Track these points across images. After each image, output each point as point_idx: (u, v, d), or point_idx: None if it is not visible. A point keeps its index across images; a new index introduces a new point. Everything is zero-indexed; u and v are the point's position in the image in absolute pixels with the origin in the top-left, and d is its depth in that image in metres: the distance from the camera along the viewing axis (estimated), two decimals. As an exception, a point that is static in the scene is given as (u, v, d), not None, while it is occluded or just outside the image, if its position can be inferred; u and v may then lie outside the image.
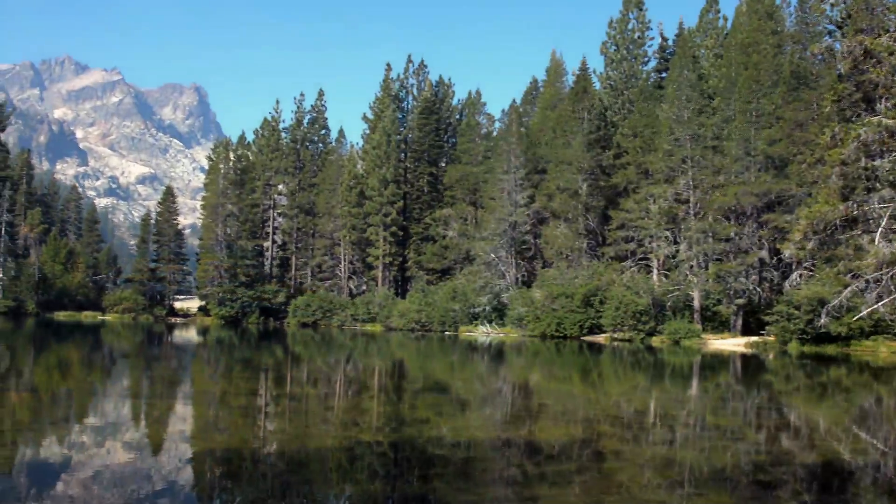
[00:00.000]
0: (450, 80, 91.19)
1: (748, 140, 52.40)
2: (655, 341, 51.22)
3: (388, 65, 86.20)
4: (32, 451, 10.34)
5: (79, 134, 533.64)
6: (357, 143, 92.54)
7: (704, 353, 41.87)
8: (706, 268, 53.20)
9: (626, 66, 71.73)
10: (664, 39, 75.06)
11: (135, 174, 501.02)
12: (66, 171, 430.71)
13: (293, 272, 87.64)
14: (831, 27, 56.19)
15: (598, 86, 72.87)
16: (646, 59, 72.40)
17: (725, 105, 56.80)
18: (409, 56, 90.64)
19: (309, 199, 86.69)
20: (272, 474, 9.54)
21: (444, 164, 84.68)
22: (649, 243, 57.13)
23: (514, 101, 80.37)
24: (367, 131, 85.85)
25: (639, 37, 71.73)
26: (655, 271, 57.47)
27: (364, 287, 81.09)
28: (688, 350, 44.90)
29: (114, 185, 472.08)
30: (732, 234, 52.54)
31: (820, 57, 52.01)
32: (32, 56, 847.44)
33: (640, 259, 58.64)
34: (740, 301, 51.96)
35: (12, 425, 12.35)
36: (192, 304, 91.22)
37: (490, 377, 25.67)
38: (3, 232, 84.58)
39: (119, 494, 8.18)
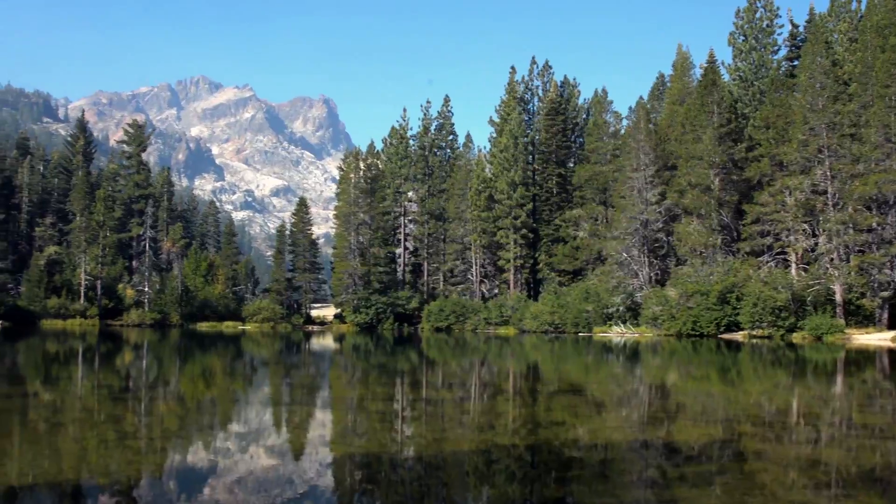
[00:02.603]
0: (575, 79, 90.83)
1: (888, 126, 50.47)
2: (796, 338, 49.87)
3: (513, 67, 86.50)
4: (180, 458, 10.71)
5: (215, 150, 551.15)
6: (484, 148, 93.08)
7: (848, 349, 40.49)
8: (848, 260, 51.54)
9: (756, 56, 70.02)
10: (794, 26, 72.94)
11: (269, 187, 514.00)
12: (204, 186, 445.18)
13: (425, 277, 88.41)
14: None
15: (726, 78, 71.40)
16: (775, 47, 70.49)
17: (862, 91, 54.86)
18: (533, 58, 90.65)
19: (439, 204, 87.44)
20: (410, 478, 9.67)
21: (572, 165, 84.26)
22: (786, 237, 55.69)
23: (640, 97, 79.77)
24: (494, 135, 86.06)
25: (767, 25, 69.93)
26: (794, 265, 55.94)
27: (496, 290, 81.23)
28: (830, 346, 43.49)
29: (249, 199, 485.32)
30: (874, 225, 50.78)
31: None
32: (169, 77, 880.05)
33: (778, 253, 57.21)
34: (885, 294, 50.13)
35: (161, 433, 12.81)
36: (328, 311, 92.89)
37: (626, 377, 25.40)
38: (147, 247, 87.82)
39: (263, 498, 8.42)
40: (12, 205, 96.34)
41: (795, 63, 68.88)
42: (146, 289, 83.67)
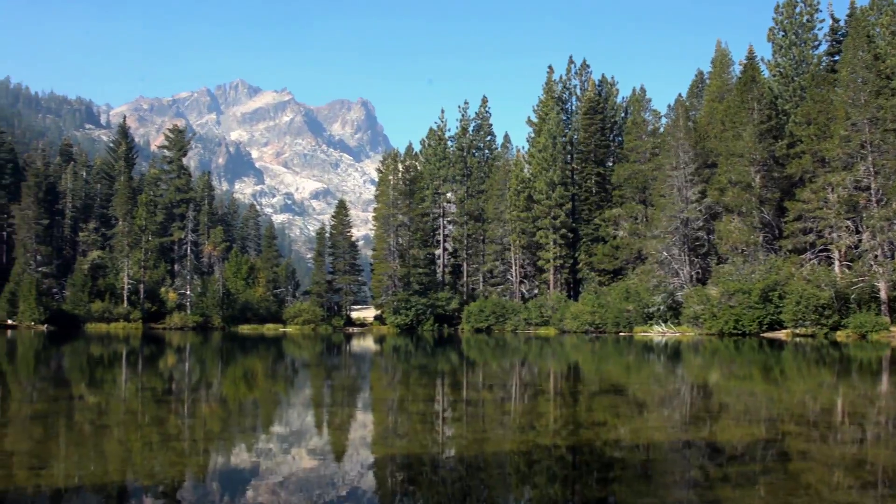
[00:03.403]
0: (613, 78, 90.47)
1: (933, 120, 49.82)
2: (840, 336, 49.32)
3: (550, 67, 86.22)
4: (223, 459, 10.79)
5: (254, 154, 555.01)
6: (523, 148, 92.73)
7: (894, 347, 39.98)
8: (892, 257, 50.91)
9: (796, 52, 69.33)
10: (835, 21, 72.07)
11: (308, 190, 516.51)
12: (244, 190, 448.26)
13: (465, 278, 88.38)
14: None
15: (766, 74, 70.77)
16: (816, 42, 69.74)
17: (906, 85, 54.18)
18: (571, 57, 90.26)
19: (477, 205, 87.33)
20: (451, 479, 9.67)
21: (611, 164, 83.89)
22: (829, 234, 55.09)
23: (679, 95, 79.06)
24: (532, 135, 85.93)
25: (807, 20, 69.21)
26: (837, 263, 55.31)
27: (536, 291, 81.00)
28: (876, 344, 42.95)
29: (289, 202, 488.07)
30: (919, 221, 50.10)
31: None
32: (208, 82, 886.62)
33: (820, 251, 56.61)
34: (931, 290, 49.46)
35: (204, 435, 12.91)
36: (368, 313, 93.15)
37: (667, 377, 25.25)
38: (188, 251, 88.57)
39: (305, 500, 8.47)
40: (56, 210, 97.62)
41: (836, 58, 68.07)
42: (188, 292, 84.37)
